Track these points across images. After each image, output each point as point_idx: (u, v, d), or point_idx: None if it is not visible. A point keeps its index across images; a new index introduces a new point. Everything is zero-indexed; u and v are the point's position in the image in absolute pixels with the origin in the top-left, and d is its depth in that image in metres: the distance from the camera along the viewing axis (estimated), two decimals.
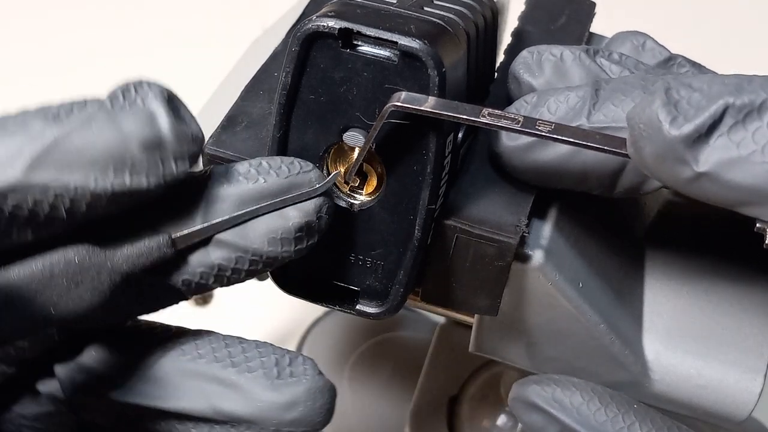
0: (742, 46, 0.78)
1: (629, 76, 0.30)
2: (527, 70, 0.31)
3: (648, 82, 0.28)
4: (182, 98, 0.26)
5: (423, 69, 0.26)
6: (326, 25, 0.26)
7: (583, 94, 0.29)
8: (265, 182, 0.26)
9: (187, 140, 0.25)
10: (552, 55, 0.31)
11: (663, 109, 0.24)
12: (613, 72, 0.31)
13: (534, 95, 0.30)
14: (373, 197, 0.29)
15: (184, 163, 0.25)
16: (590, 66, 0.31)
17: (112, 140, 0.24)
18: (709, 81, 0.25)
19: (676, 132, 0.24)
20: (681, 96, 0.25)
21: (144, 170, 0.24)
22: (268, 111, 0.32)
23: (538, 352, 0.33)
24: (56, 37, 0.82)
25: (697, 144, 0.24)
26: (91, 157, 0.23)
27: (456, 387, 0.50)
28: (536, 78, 0.31)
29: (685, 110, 0.24)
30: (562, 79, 0.31)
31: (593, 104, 0.28)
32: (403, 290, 0.29)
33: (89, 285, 0.24)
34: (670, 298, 0.34)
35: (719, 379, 0.32)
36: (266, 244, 0.26)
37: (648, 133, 0.25)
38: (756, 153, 0.24)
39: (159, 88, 0.25)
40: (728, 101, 0.24)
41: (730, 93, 0.24)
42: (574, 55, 0.31)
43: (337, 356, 0.55)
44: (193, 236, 0.26)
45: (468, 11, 0.30)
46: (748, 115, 0.24)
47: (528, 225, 0.29)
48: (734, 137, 0.24)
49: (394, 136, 0.27)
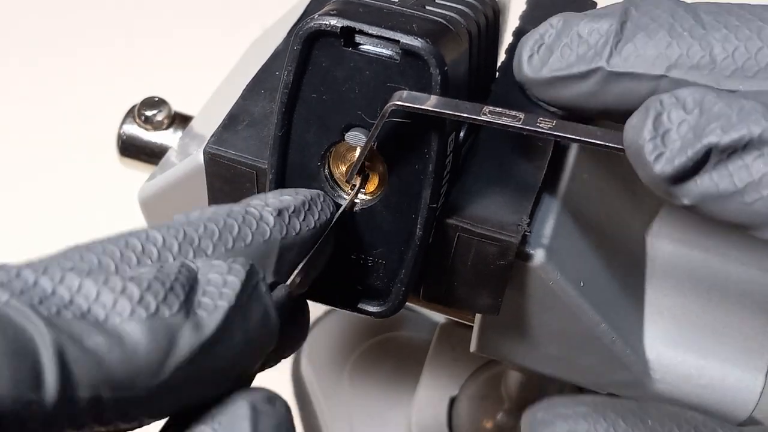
0: None
1: (660, 3, 0.28)
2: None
3: (677, 20, 0.27)
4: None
5: (425, 67, 0.26)
6: (328, 23, 0.26)
7: (608, 29, 0.28)
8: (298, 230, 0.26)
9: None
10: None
11: (650, 143, 0.24)
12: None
13: (560, 19, 0.29)
14: (375, 196, 0.29)
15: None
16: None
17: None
18: (701, 103, 0.25)
19: (659, 170, 0.25)
20: (671, 122, 0.25)
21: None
22: (270, 110, 0.32)
23: (538, 351, 0.33)
24: (57, 37, 0.82)
25: (680, 182, 0.25)
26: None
27: (456, 387, 0.50)
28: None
29: (672, 143, 0.24)
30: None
31: (616, 43, 0.28)
32: (405, 289, 0.29)
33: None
34: (672, 297, 0.34)
35: (720, 379, 0.32)
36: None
37: (637, 162, 0.25)
38: (737, 193, 0.24)
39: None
40: (712, 142, 0.24)
41: (714, 132, 0.24)
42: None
43: (337, 356, 0.55)
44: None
45: (470, 10, 0.30)
46: (732, 155, 0.24)
47: (529, 224, 0.29)
48: (716, 176, 0.24)
49: (396, 135, 0.27)
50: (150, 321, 0.21)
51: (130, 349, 0.20)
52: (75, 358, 0.20)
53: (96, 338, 0.20)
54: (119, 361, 0.20)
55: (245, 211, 0.25)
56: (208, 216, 0.25)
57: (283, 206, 0.26)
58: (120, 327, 0.20)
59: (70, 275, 0.21)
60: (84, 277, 0.21)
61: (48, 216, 0.69)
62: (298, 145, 0.29)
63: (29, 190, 0.71)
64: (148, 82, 0.69)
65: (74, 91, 0.77)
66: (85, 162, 0.71)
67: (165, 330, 0.21)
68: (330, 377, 0.54)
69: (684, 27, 0.27)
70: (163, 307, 0.21)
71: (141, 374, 0.20)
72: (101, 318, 0.20)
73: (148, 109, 0.39)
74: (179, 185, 0.33)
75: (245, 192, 0.31)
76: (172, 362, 0.21)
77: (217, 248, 0.24)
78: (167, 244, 0.23)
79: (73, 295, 0.21)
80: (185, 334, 0.21)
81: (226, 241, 0.24)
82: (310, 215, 0.26)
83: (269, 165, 0.29)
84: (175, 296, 0.21)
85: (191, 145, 0.34)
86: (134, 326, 0.21)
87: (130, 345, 0.20)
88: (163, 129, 0.39)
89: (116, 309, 0.21)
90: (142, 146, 0.39)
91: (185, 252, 0.24)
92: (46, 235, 0.68)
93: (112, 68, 0.79)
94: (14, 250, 0.67)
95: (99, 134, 0.57)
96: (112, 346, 0.20)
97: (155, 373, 0.21)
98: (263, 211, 0.25)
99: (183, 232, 0.24)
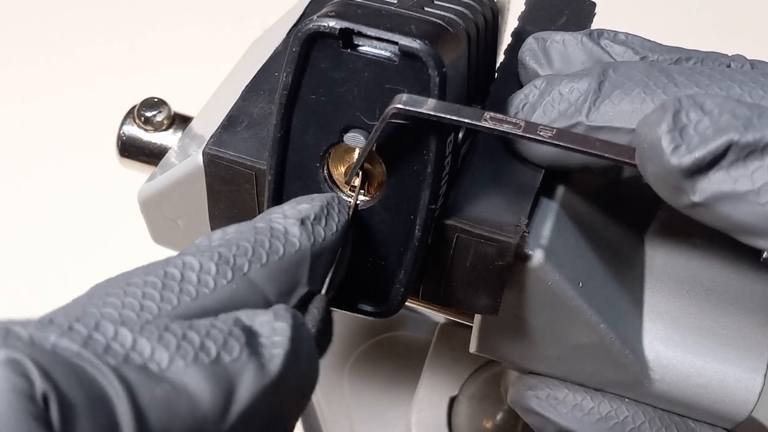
0: (742, 47, 0.78)
1: (634, 65, 0.30)
2: (533, 57, 0.32)
3: (651, 79, 0.29)
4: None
5: (423, 69, 0.26)
6: (327, 25, 0.26)
7: (587, 87, 0.29)
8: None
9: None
10: (555, 41, 0.32)
11: (667, 135, 0.25)
12: (616, 53, 0.31)
13: (543, 80, 0.30)
14: (374, 197, 0.29)
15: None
16: (592, 49, 0.31)
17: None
18: (721, 105, 0.25)
19: (676, 162, 0.24)
20: (690, 120, 0.25)
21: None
22: (269, 111, 0.32)
23: (538, 351, 0.33)
24: (57, 37, 0.82)
25: (696, 175, 0.25)
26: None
27: (456, 387, 0.50)
28: (542, 65, 0.32)
29: (690, 138, 0.24)
30: (567, 64, 0.31)
31: (594, 100, 0.29)
32: (404, 290, 0.30)
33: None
34: (671, 297, 0.34)
35: (719, 379, 0.32)
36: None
37: (651, 155, 0.25)
38: (752, 193, 0.24)
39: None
40: (733, 138, 0.24)
41: (737, 129, 0.24)
42: (576, 39, 0.32)
43: (337, 356, 0.55)
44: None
45: (468, 11, 0.30)
46: (750, 154, 0.24)
47: (528, 225, 0.29)
48: (733, 173, 0.24)
49: (395, 137, 0.27)
50: (213, 367, 0.21)
51: (195, 395, 0.20)
52: (147, 406, 0.19)
53: (163, 386, 0.20)
54: (187, 407, 0.20)
55: (270, 226, 0.25)
56: (235, 235, 0.25)
57: (303, 215, 0.26)
58: (183, 374, 0.20)
59: (122, 329, 0.20)
60: (137, 332, 0.21)
61: (48, 216, 0.69)
62: (297, 147, 0.29)
63: (29, 190, 0.71)
64: (148, 83, 0.69)
65: (74, 91, 0.77)
66: (85, 162, 0.71)
67: (227, 376, 0.21)
68: (330, 377, 0.54)
69: (658, 85, 0.28)
70: (224, 354, 0.21)
71: (207, 422, 0.20)
72: (164, 365, 0.20)
73: (148, 110, 0.39)
74: (179, 186, 0.33)
75: (244, 193, 0.31)
76: (236, 408, 0.21)
77: (253, 265, 0.24)
78: (204, 268, 0.24)
79: (136, 341, 0.20)
80: (247, 379, 0.21)
81: (260, 257, 0.24)
82: (331, 220, 0.27)
83: (268, 166, 0.29)
84: (235, 340, 0.21)
85: (191, 145, 0.34)
86: (196, 373, 0.20)
87: (195, 392, 0.20)
88: (163, 130, 0.39)
89: (179, 354, 0.20)
90: (142, 147, 0.39)
91: (223, 272, 0.24)
92: (47, 235, 0.68)
93: (112, 69, 0.79)
94: (14, 250, 0.67)
95: (99, 134, 0.57)
96: (179, 393, 0.20)
97: (221, 420, 0.21)
98: (287, 224, 0.26)
99: (217, 253, 0.24)
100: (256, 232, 0.25)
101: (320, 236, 0.26)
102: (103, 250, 0.67)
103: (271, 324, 0.23)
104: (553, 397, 0.33)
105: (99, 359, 0.19)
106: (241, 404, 0.21)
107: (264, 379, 0.21)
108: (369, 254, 0.29)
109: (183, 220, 0.35)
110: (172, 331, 0.21)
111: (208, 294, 0.23)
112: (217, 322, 0.22)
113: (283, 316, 0.23)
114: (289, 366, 0.22)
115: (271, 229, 0.25)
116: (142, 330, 0.21)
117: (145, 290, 0.22)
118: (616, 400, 0.32)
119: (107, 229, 0.68)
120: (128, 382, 0.19)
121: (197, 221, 0.34)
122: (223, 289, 0.23)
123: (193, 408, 0.20)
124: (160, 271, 0.23)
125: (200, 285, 0.23)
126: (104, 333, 0.20)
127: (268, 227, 0.25)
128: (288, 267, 0.25)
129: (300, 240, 0.25)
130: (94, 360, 0.19)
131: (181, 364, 0.20)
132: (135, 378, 0.20)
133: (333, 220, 0.27)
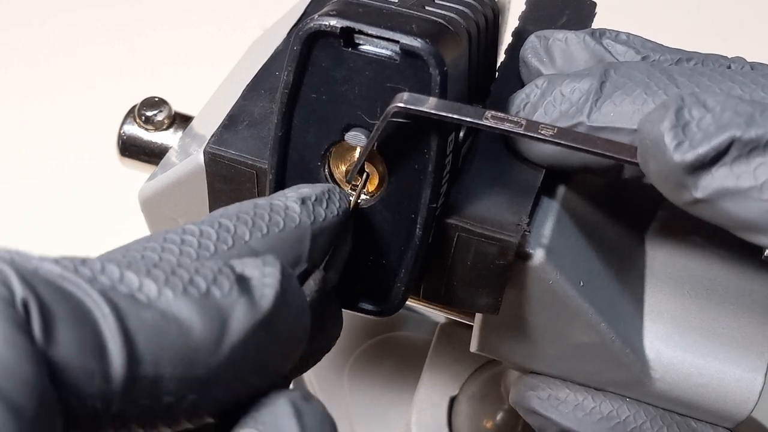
0: (742, 46, 0.78)
1: (636, 66, 0.30)
2: (535, 55, 0.32)
3: (653, 79, 0.29)
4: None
5: (424, 68, 0.26)
6: (328, 24, 0.26)
7: (588, 87, 0.29)
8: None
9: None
10: (558, 40, 0.32)
11: (670, 132, 0.25)
12: (618, 53, 0.31)
13: (544, 80, 0.30)
14: (375, 196, 0.29)
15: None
16: (595, 48, 0.31)
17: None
18: (723, 102, 0.25)
19: (679, 158, 0.24)
20: (692, 117, 0.25)
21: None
22: (270, 110, 0.32)
23: (538, 350, 0.33)
24: (57, 37, 0.82)
25: (698, 171, 0.25)
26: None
27: (456, 387, 0.50)
28: (544, 63, 0.32)
29: (693, 135, 0.25)
30: (569, 62, 0.31)
31: (595, 101, 0.29)
32: (405, 289, 0.30)
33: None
34: (671, 296, 0.34)
35: (720, 378, 0.32)
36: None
37: (653, 152, 0.25)
38: (754, 189, 0.24)
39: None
40: (735, 135, 0.24)
41: (739, 126, 0.24)
42: (578, 38, 0.32)
43: (337, 356, 0.55)
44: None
45: (469, 10, 0.30)
46: (753, 150, 0.24)
47: (529, 224, 0.29)
48: (736, 170, 0.24)
49: (396, 136, 0.27)
50: (203, 300, 0.21)
51: (186, 324, 0.20)
52: (136, 329, 0.19)
53: (152, 312, 0.20)
54: (177, 335, 0.20)
55: (270, 203, 0.26)
56: (236, 209, 0.25)
57: (304, 196, 0.26)
58: (173, 304, 0.20)
59: (109, 265, 0.20)
60: (127, 267, 0.20)
61: (48, 216, 0.69)
62: (298, 145, 0.29)
63: (29, 190, 0.71)
64: (148, 82, 0.69)
65: (74, 91, 0.77)
66: (85, 162, 0.71)
67: (217, 310, 0.21)
68: (330, 377, 0.54)
69: (659, 86, 0.28)
70: (214, 288, 0.21)
71: (199, 351, 0.20)
72: (153, 295, 0.20)
73: (148, 109, 0.39)
74: (179, 185, 0.33)
75: (245, 192, 0.31)
76: (229, 340, 0.21)
77: (254, 234, 0.24)
78: (205, 234, 0.24)
79: (123, 274, 0.20)
80: (239, 314, 0.21)
81: (260, 228, 0.25)
82: (332, 204, 0.27)
83: (269, 165, 0.29)
84: (225, 278, 0.21)
85: (191, 145, 0.34)
86: (187, 303, 0.20)
87: (185, 322, 0.20)
88: (164, 129, 0.39)
89: (168, 286, 0.20)
90: (143, 146, 0.39)
91: (224, 239, 0.24)
92: (47, 234, 0.68)
93: (113, 68, 0.79)
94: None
95: (99, 134, 0.57)
96: (169, 321, 0.20)
97: (213, 352, 0.20)
98: (287, 201, 0.26)
99: (218, 222, 0.24)
100: (256, 206, 0.25)
101: (320, 216, 0.26)
102: (103, 249, 0.66)
103: (260, 268, 0.23)
104: (555, 397, 0.33)
105: (84, 282, 0.19)
106: (234, 337, 0.21)
107: (256, 314, 0.21)
108: (370, 253, 0.29)
109: (184, 219, 0.35)
110: (161, 267, 0.21)
111: (208, 258, 0.23)
112: (206, 263, 0.22)
113: (272, 262, 0.23)
114: (279, 306, 0.22)
115: (271, 205, 0.25)
116: (130, 265, 0.20)
117: (145, 254, 0.22)
118: (617, 400, 0.32)
119: (108, 228, 0.68)
120: (115, 304, 0.19)
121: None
122: (223, 255, 0.23)
123: (185, 336, 0.20)
124: (159, 238, 0.23)
125: (201, 249, 0.23)
126: (91, 267, 0.20)
127: (268, 203, 0.25)
128: (288, 240, 0.25)
129: (300, 217, 0.25)
130: (79, 281, 0.19)
131: (170, 295, 0.20)
132: (123, 303, 0.19)
133: (334, 205, 0.27)
